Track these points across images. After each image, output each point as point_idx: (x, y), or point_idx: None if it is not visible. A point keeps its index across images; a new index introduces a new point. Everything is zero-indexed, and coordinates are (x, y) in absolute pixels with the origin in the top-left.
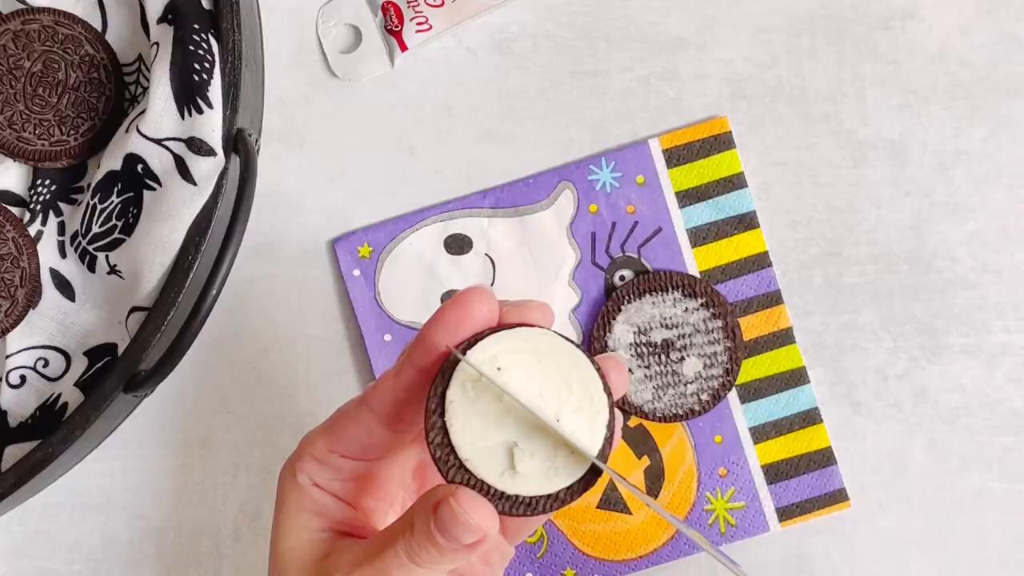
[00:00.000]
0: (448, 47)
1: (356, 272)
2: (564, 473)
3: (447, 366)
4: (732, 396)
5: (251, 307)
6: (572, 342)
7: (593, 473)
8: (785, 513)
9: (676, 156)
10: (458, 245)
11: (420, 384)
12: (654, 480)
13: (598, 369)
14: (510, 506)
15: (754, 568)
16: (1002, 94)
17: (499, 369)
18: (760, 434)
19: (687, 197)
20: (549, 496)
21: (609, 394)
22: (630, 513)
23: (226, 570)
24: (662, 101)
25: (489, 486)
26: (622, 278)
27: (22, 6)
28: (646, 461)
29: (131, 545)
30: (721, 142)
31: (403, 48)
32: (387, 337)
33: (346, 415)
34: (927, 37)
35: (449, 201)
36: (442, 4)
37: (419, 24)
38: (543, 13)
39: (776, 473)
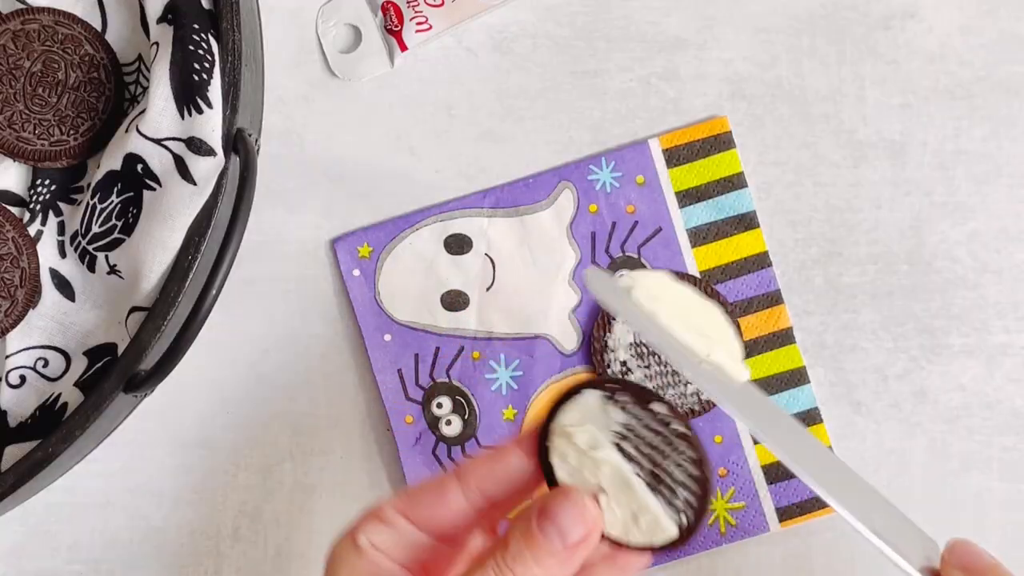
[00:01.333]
0: (448, 47)
1: (356, 272)
2: (640, 534)
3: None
4: None
5: (251, 307)
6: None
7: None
8: (785, 513)
9: (676, 156)
10: (458, 245)
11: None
12: None
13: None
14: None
15: (754, 568)
16: (1002, 94)
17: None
18: None
19: (687, 197)
20: (628, 544)
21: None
22: None
23: (226, 570)
24: (662, 101)
25: None
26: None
27: (22, 6)
28: None
29: (131, 545)
30: (721, 142)
31: (403, 48)
32: (387, 337)
33: (432, 483)
34: (927, 37)
35: (449, 201)
36: (442, 4)
37: (419, 24)
38: (543, 13)
39: (776, 473)
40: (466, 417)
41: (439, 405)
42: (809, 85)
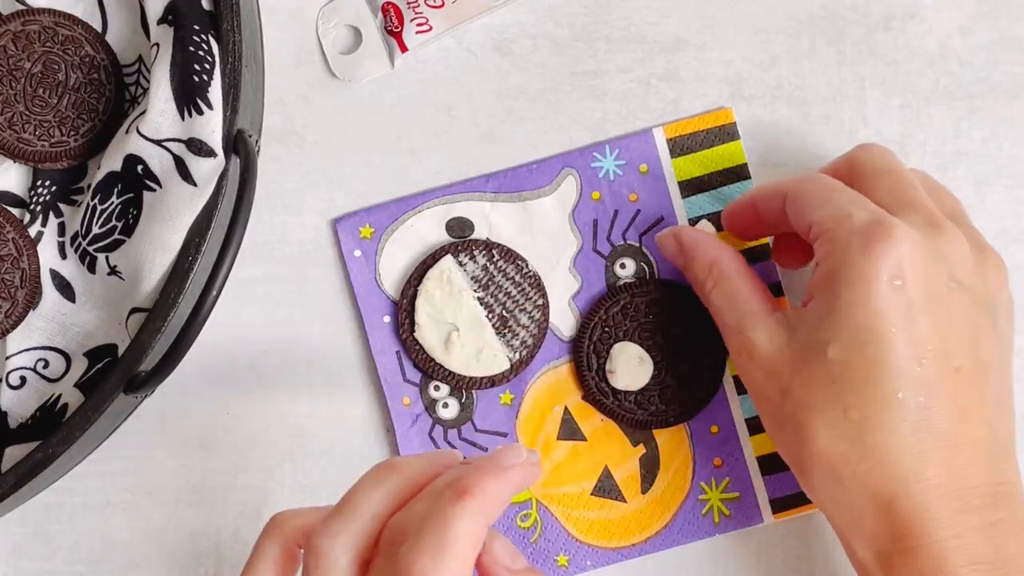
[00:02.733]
0: (448, 48)
1: (357, 252)
2: (480, 367)
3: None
4: (729, 386)
5: (251, 307)
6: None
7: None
8: (779, 504)
9: (680, 146)
10: (460, 228)
11: None
12: (649, 468)
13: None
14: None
15: (753, 566)
16: (1002, 94)
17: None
18: (756, 425)
19: (690, 187)
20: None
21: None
22: (624, 501)
23: (226, 570)
24: (662, 102)
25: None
26: (623, 266)
27: (22, 7)
28: (641, 449)
29: (131, 545)
30: (725, 133)
31: (403, 49)
32: (386, 319)
33: None
34: (927, 38)
35: (452, 184)
36: (442, 5)
37: (419, 25)
38: (543, 14)
39: (771, 464)
40: (463, 400)
41: (436, 388)
42: (809, 85)
